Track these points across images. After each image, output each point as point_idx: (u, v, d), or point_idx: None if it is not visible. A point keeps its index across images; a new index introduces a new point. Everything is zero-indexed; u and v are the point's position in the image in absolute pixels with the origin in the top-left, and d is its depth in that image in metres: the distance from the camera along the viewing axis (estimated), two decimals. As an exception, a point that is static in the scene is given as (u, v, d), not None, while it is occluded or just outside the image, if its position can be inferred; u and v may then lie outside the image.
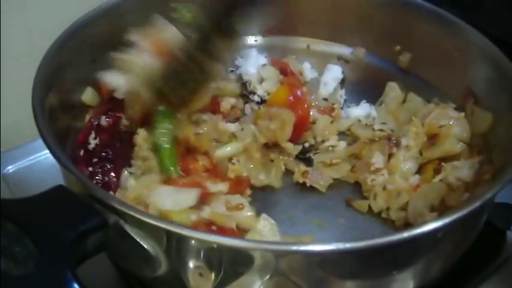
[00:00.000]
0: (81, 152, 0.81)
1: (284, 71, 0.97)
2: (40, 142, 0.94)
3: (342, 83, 1.00)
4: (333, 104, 0.96)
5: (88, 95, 0.84)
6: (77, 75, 0.82)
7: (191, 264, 0.59)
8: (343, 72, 0.99)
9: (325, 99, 0.97)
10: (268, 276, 0.59)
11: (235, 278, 0.60)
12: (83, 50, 0.82)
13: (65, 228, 0.55)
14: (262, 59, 0.99)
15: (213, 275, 0.59)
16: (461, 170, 0.77)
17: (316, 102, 0.96)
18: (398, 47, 0.95)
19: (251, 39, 1.02)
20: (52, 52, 0.77)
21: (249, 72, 0.97)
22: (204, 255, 0.58)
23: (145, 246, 0.58)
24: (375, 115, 0.94)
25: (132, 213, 0.57)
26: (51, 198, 0.58)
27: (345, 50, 1.00)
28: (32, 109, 0.69)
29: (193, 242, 0.57)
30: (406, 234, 0.56)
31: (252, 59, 0.99)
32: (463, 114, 0.84)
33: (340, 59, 1.00)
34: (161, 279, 0.62)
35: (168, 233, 0.57)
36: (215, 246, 0.56)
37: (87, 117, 0.84)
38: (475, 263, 0.82)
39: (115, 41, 0.85)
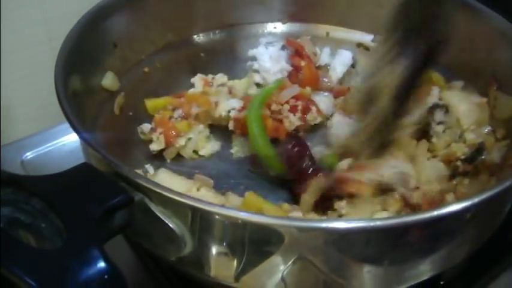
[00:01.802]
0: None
1: (299, 53, 0.97)
2: (58, 129, 0.97)
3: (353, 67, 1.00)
4: (348, 88, 0.97)
5: (108, 80, 0.83)
6: (98, 59, 0.82)
7: (216, 244, 0.58)
8: (353, 57, 0.99)
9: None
10: (292, 261, 0.58)
11: (260, 261, 0.59)
12: (104, 34, 0.82)
13: (92, 205, 0.54)
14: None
15: (237, 255, 0.59)
16: (490, 153, 0.76)
17: (329, 84, 0.97)
18: (419, 34, 0.94)
19: (270, 26, 1.01)
20: (73, 35, 0.77)
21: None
22: (229, 233, 0.57)
23: (171, 225, 0.58)
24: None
25: (157, 189, 0.56)
26: (77, 176, 0.57)
27: (365, 37, 0.99)
28: (56, 91, 0.68)
29: (219, 219, 0.56)
30: (435, 213, 0.55)
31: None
32: (484, 99, 0.84)
33: (360, 46, 1.00)
34: (183, 261, 0.62)
35: (194, 210, 0.56)
36: (240, 222, 0.56)
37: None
38: (497, 253, 0.81)
39: (136, 26, 0.86)
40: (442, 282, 0.78)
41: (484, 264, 0.80)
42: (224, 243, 0.58)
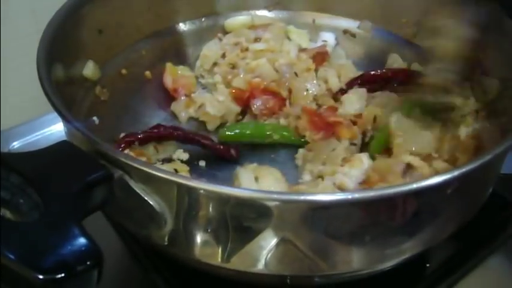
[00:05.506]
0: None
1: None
2: (45, 118, 0.97)
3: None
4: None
5: (89, 69, 0.82)
6: (82, 47, 0.81)
7: (199, 221, 0.58)
8: (336, 38, 1.00)
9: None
10: (276, 238, 0.58)
11: (243, 239, 0.59)
12: (86, 21, 0.82)
13: (71, 180, 0.54)
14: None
15: (221, 233, 0.58)
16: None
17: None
18: (405, 20, 0.95)
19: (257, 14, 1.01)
20: (55, 22, 0.77)
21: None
22: (212, 209, 0.57)
23: (151, 202, 0.58)
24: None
25: (136, 165, 0.56)
26: (56, 152, 0.57)
27: (351, 24, 1.00)
28: (38, 76, 0.68)
29: (199, 193, 0.56)
30: (414, 185, 0.55)
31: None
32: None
33: (347, 33, 1.00)
34: (166, 242, 0.61)
35: (175, 186, 0.56)
36: (223, 197, 0.55)
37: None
38: (484, 236, 0.81)
39: (123, 12, 0.85)
40: (427, 265, 0.78)
41: (470, 247, 0.80)
42: (207, 220, 0.58)
